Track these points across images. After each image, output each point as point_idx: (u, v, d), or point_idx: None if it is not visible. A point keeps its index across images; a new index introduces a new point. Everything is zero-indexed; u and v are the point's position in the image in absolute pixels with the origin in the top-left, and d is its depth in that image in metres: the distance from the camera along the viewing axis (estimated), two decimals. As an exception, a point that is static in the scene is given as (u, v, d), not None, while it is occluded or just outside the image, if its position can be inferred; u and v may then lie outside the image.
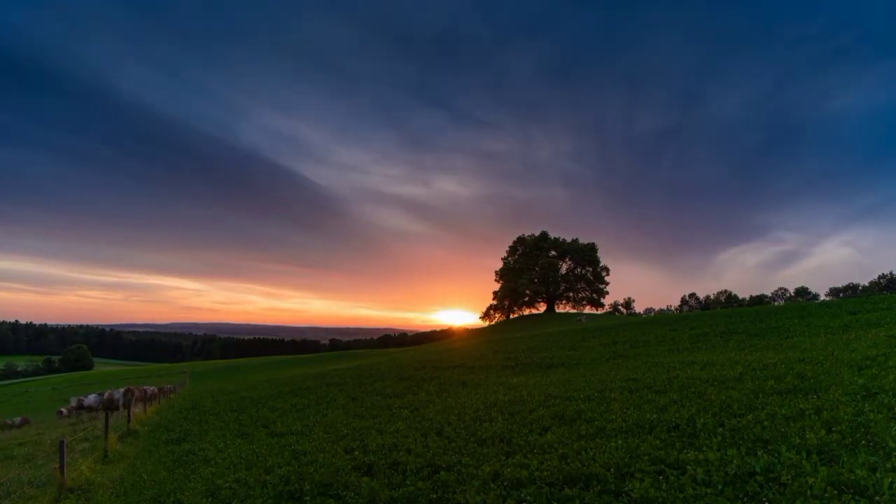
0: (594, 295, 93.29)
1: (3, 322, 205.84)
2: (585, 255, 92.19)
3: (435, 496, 5.84)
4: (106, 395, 24.69)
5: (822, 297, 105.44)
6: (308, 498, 6.48)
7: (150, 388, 24.78)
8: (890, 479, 4.16)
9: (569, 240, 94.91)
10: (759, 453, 5.34)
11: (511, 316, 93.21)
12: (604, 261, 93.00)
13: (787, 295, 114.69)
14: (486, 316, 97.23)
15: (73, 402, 25.67)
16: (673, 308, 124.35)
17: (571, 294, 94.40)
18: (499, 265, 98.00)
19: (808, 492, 4.27)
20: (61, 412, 25.45)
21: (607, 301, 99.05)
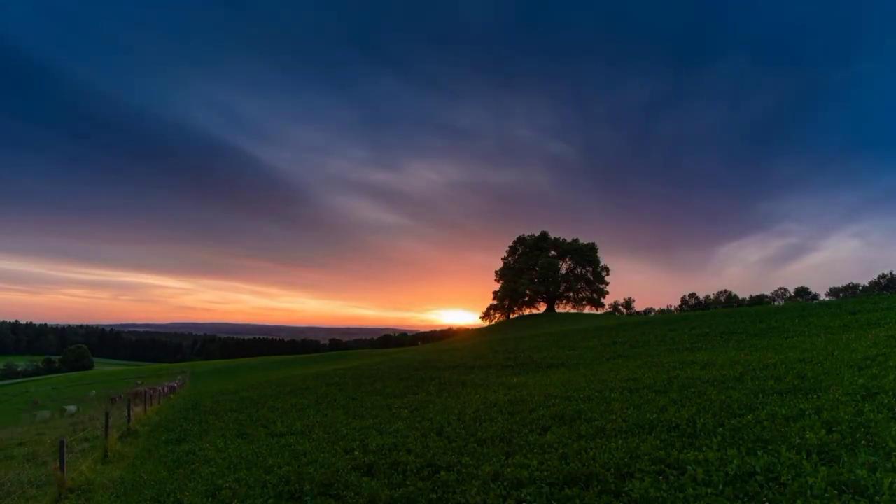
0: (594, 295, 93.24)
1: (4, 322, 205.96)
2: (585, 255, 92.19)
3: (435, 496, 5.84)
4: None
5: (822, 297, 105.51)
6: (308, 498, 6.48)
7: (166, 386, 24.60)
8: (890, 479, 4.16)
9: (569, 240, 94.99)
10: (759, 453, 5.34)
11: (511, 316, 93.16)
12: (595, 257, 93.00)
13: (787, 295, 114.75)
14: (486, 316, 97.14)
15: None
16: (673, 308, 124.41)
17: (571, 294, 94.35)
18: (487, 262, 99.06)
19: (808, 492, 4.27)
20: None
21: (607, 301, 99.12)
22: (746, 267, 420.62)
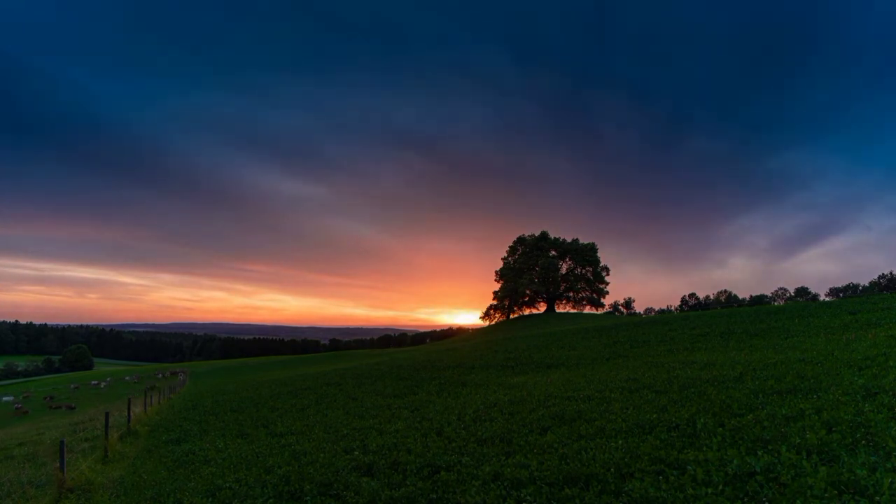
0: (594, 295, 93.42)
1: (4, 322, 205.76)
2: (585, 256, 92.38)
3: (435, 496, 5.84)
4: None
5: (822, 297, 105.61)
6: (308, 498, 6.48)
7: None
8: (890, 479, 4.16)
9: (569, 240, 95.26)
10: (759, 453, 5.34)
11: (511, 316, 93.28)
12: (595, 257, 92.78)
13: (787, 295, 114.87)
14: (486, 316, 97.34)
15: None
16: (673, 308, 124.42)
17: (571, 294, 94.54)
18: (448, 250, 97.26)
19: (808, 492, 4.27)
20: None
21: (607, 301, 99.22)
22: (753, 256, 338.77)
